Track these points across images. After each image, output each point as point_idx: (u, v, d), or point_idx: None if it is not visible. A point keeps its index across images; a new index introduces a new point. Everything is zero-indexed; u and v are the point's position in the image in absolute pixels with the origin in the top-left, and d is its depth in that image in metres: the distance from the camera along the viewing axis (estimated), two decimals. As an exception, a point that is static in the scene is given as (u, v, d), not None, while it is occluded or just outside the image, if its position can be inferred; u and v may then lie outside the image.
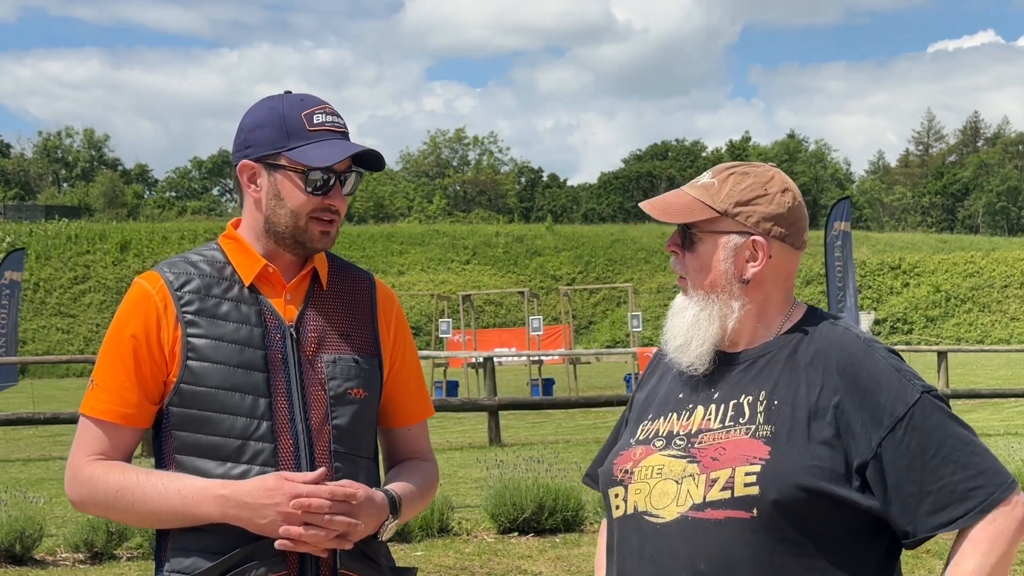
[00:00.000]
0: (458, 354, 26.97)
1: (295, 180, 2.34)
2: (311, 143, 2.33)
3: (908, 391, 2.08)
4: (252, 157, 2.37)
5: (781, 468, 2.05)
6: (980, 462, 2.06)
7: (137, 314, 2.34)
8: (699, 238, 2.19)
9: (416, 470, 2.53)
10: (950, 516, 2.04)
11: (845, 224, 22.87)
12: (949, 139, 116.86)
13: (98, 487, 2.31)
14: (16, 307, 25.39)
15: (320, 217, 2.36)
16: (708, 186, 2.21)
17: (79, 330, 51.68)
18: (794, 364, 2.14)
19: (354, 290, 2.49)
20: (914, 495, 2.05)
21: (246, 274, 2.38)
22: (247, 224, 2.43)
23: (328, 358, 2.38)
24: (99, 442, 2.34)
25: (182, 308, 2.33)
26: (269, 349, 2.34)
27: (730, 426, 2.13)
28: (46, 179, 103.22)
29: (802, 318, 2.21)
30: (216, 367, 2.31)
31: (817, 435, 2.07)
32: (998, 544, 2.03)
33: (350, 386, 2.39)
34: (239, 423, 2.30)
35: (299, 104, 2.37)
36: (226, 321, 2.34)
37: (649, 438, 2.22)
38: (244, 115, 2.42)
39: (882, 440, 2.05)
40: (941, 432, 2.06)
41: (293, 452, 2.31)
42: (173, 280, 2.35)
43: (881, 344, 2.17)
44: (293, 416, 2.33)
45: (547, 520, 8.87)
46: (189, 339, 2.32)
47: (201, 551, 2.29)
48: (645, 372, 2.41)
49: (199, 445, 2.31)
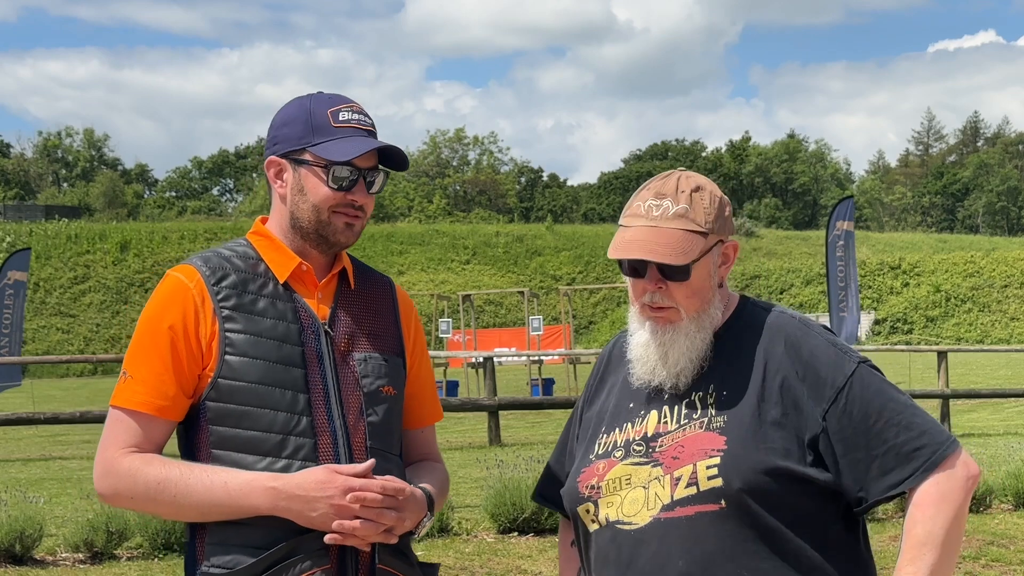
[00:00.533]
0: (458, 354, 26.96)
1: (318, 174, 2.36)
2: (335, 139, 2.35)
3: (845, 362, 2.15)
4: (279, 153, 2.40)
5: (739, 456, 2.09)
6: (921, 423, 2.12)
7: (174, 306, 2.33)
8: (695, 266, 2.20)
9: (434, 472, 2.56)
10: (897, 478, 2.09)
11: (848, 223, 22.76)
12: (949, 139, 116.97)
13: (138, 480, 2.29)
14: (21, 307, 25.36)
15: (343, 212, 2.37)
16: (683, 213, 2.21)
17: (79, 330, 51.67)
18: (736, 353, 2.20)
19: (377, 291, 2.53)
20: (862, 460, 2.10)
21: (280, 271, 2.39)
22: (275, 220, 2.45)
23: (360, 356, 2.42)
24: (132, 434, 2.32)
25: (219, 302, 2.33)
26: (306, 346, 2.36)
27: (685, 424, 2.17)
28: (46, 179, 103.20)
29: (737, 308, 2.28)
30: (255, 362, 2.31)
31: (767, 417, 2.12)
32: (944, 506, 2.07)
33: (381, 384, 2.42)
34: (280, 418, 2.31)
35: (327, 102, 2.40)
36: (263, 317, 2.35)
37: (608, 451, 2.24)
38: (275, 115, 2.46)
39: (826, 412, 2.11)
40: (881, 397, 2.13)
41: (332, 447, 2.33)
42: (209, 274, 2.35)
43: (815, 322, 2.25)
44: (331, 412, 2.35)
45: (547, 520, 8.87)
46: (227, 334, 2.32)
47: (242, 546, 2.29)
48: (587, 385, 2.43)
49: (239, 439, 2.31)
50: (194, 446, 2.36)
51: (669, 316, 2.22)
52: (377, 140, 2.40)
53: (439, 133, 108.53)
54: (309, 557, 2.27)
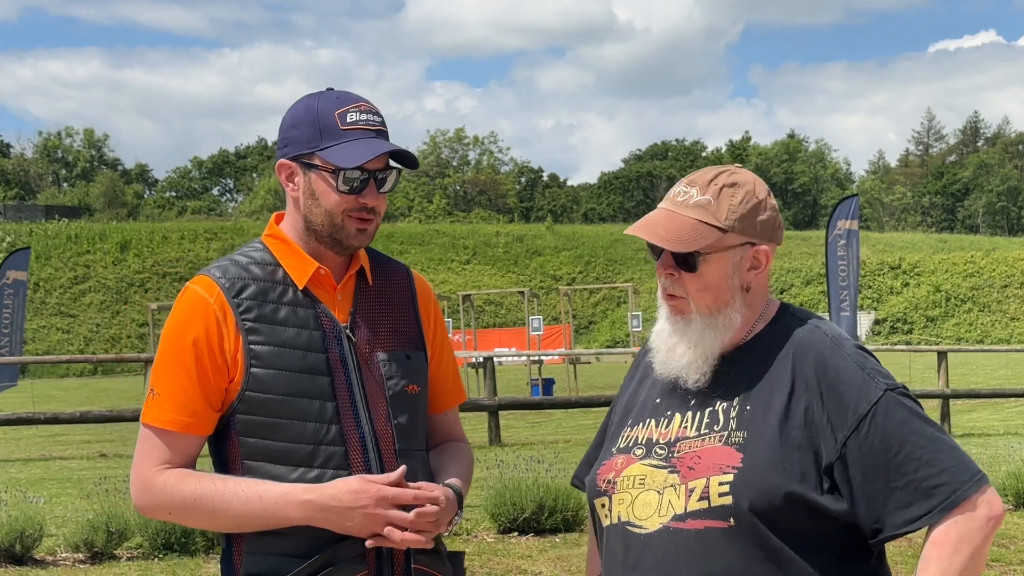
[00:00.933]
0: (458, 354, 26.92)
1: (328, 180, 2.33)
2: (343, 142, 2.32)
3: (871, 389, 2.07)
4: (289, 156, 2.38)
5: (753, 476, 2.04)
6: (945, 459, 2.03)
7: (196, 321, 2.33)
8: (706, 260, 2.15)
9: (460, 455, 2.58)
10: (915, 513, 2.02)
11: (852, 222, 22.55)
12: (949, 139, 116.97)
13: (174, 496, 2.31)
14: (22, 306, 25.32)
15: (357, 215, 2.35)
16: (705, 204, 2.16)
17: (79, 330, 51.67)
18: (766, 367, 2.14)
19: (395, 284, 2.51)
20: (880, 492, 2.03)
21: (299, 277, 2.38)
22: (291, 223, 2.43)
23: (383, 356, 2.41)
24: (164, 452, 2.33)
25: (241, 315, 2.32)
26: (329, 352, 2.35)
27: (705, 434, 2.13)
28: (46, 179, 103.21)
29: (774, 317, 2.21)
30: (281, 374, 2.31)
31: (788, 438, 2.06)
32: (962, 547, 2.00)
33: (406, 383, 2.42)
34: (309, 428, 2.31)
35: (334, 102, 2.36)
36: (286, 327, 2.34)
37: (629, 446, 2.22)
38: (285, 115, 2.42)
39: (847, 439, 2.05)
40: (904, 429, 2.04)
41: (362, 453, 2.34)
42: (229, 287, 2.34)
43: (850, 341, 2.16)
44: (358, 418, 2.35)
45: (547, 520, 8.86)
46: (251, 347, 2.31)
47: (280, 554, 2.29)
48: (628, 374, 2.40)
49: (270, 451, 2.31)
50: (226, 458, 2.36)
51: (680, 306, 2.19)
52: (387, 142, 2.37)
53: (439, 133, 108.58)
54: (346, 566, 2.28)
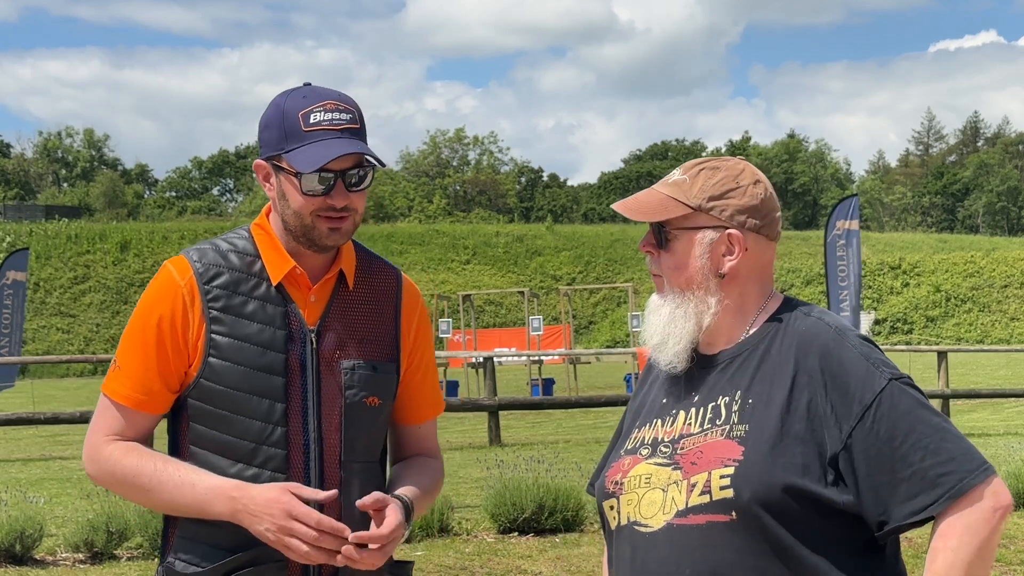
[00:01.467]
0: (458, 354, 26.99)
1: (293, 182, 2.32)
2: (305, 144, 2.30)
3: (876, 379, 2.05)
4: (263, 157, 2.38)
5: (753, 468, 2.03)
6: (951, 448, 2.01)
7: (164, 301, 2.34)
8: (674, 236, 2.18)
9: (425, 469, 2.54)
10: (920, 504, 1.99)
11: (852, 222, 22.49)
12: (949, 139, 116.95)
13: (116, 468, 2.34)
14: (21, 307, 25.30)
15: (327, 215, 2.33)
16: (680, 183, 2.20)
17: (79, 330, 51.67)
18: (768, 360, 2.13)
19: (380, 288, 2.49)
20: (886, 483, 2.01)
21: (274, 273, 2.37)
22: (274, 218, 2.43)
23: (347, 365, 2.39)
24: (117, 423, 2.37)
25: (208, 303, 2.33)
26: (290, 353, 2.34)
27: (708, 428, 2.12)
28: (46, 179, 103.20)
29: (776, 310, 2.20)
30: (237, 368, 2.32)
31: (791, 430, 2.05)
32: (968, 538, 1.97)
33: (365, 395, 2.40)
34: (254, 426, 2.31)
35: (301, 101, 2.34)
36: (251, 321, 2.34)
37: (636, 447, 2.22)
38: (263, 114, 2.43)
39: (852, 430, 2.03)
40: (910, 418, 2.02)
41: (303, 460, 2.33)
42: (202, 272, 2.35)
43: (854, 332, 2.14)
44: (306, 424, 2.34)
45: (547, 520, 8.86)
46: (213, 336, 2.32)
47: (210, 545, 2.32)
48: (640, 379, 2.40)
49: (215, 441, 2.33)
50: (177, 440, 2.40)
51: (659, 284, 2.22)
52: (350, 141, 2.32)
53: (439, 133, 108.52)
54: (270, 567, 2.29)
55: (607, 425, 19.02)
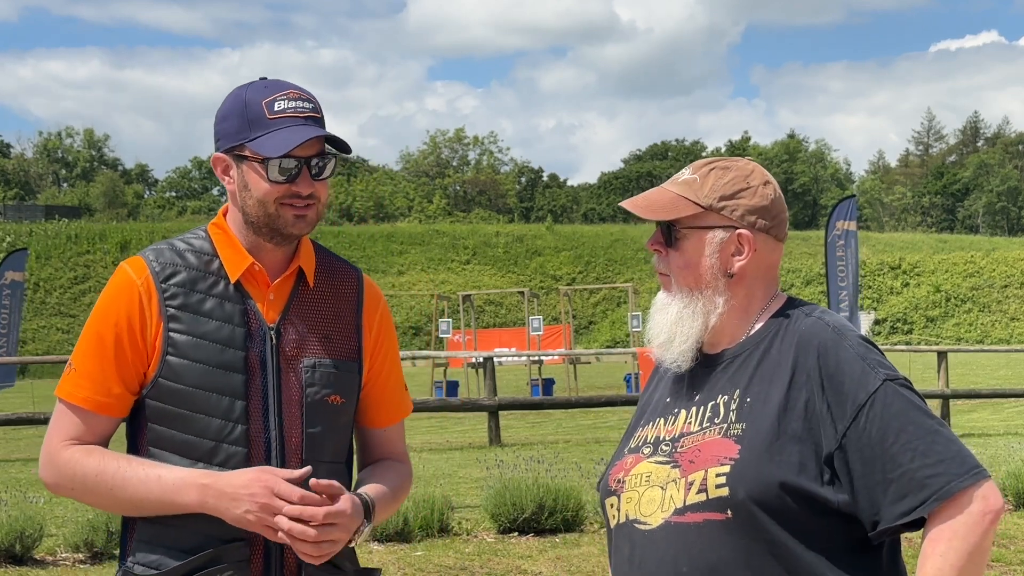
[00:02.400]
0: (458, 354, 26.96)
1: (257, 170, 2.31)
2: (270, 132, 2.30)
3: (871, 379, 2.04)
4: (222, 149, 2.36)
5: (749, 467, 2.03)
6: (942, 451, 2.00)
7: (121, 302, 2.32)
8: (683, 235, 2.18)
9: (390, 471, 2.51)
10: (908, 505, 1.98)
11: (850, 223, 22.62)
12: (949, 139, 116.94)
13: (76, 471, 2.30)
14: (19, 307, 25.34)
15: (291, 203, 2.32)
16: (690, 182, 2.21)
17: (79, 330, 51.10)
18: (768, 359, 2.13)
19: (340, 288, 2.47)
20: (879, 484, 2.00)
21: (232, 271, 2.35)
22: (232, 216, 2.41)
23: (308, 363, 2.37)
24: (75, 427, 2.32)
25: (166, 301, 2.31)
26: (249, 351, 2.32)
27: (707, 427, 2.13)
28: (46, 179, 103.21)
29: (779, 310, 2.20)
30: (195, 365, 2.30)
31: (787, 429, 2.05)
32: (957, 543, 1.96)
33: (327, 393, 2.38)
34: (214, 424, 2.29)
35: (262, 92, 2.34)
36: (209, 319, 2.32)
37: (638, 446, 2.23)
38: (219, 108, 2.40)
39: (846, 430, 2.03)
40: (901, 419, 2.02)
41: (264, 458, 2.31)
42: (159, 271, 2.33)
43: (853, 332, 2.14)
44: (267, 422, 2.33)
45: (547, 520, 8.86)
46: (171, 334, 2.30)
47: (168, 547, 2.29)
48: (648, 379, 2.41)
49: (174, 441, 2.30)
50: (134, 441, 2.37)
51: (666, 283, 2.22)
52: (308, 128, 2.31)
53: (439, 133, 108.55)
54: (232, 566, 2.27)
55: (607, 425, 19.02)
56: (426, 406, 17.64)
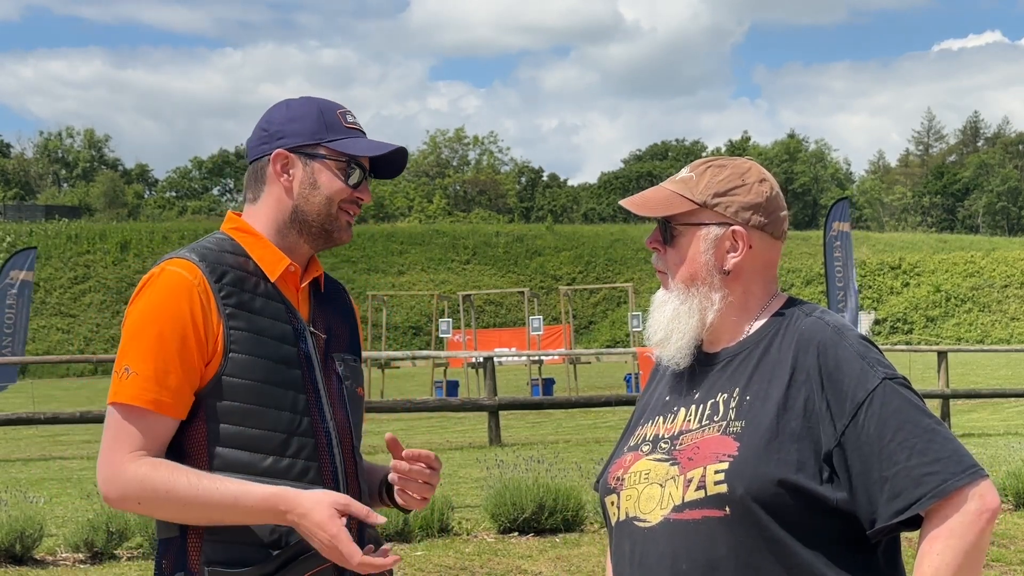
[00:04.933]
0: (458, 354, 26.93)
1: (333, 169, 2.41)
2: (350, 137, 2.44)
3: (870, 377, 2.05)
4: (289, 146, 2.42)
5: (747, 463, 2.04)
6: (939, 450, 2.00)
7: (182, 301, 2.30)
8: (679, 231, 2.21)
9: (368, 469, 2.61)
10: (904, 503, 1.98)
11: (845, 224, 22.83)
12: (949, 139, 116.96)
13: (146, 486, 2.25)
14: (26, 306, 25.29)
15: (348, 209, 2.44)
16: (686, 180, 2.23)
17: (79, 330, 51.67)
18: (767, 358, 2.14)
19: (337, 292, 2.61)
20: (876, 482, 2.01)
21: (271, 270, 2.40)
22: (267, 216, 2.44)
23: (338, 357, 2.49)
24: (137, 437, 2.27)
25: (223, 299, 2.33)
26: (298, 346, 2.39)
27: (706, 425, 2.14)
28: (46, 179, 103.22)
29: (779, 310, 2.21)
30: (260, 361, 2.32)
31: (787, 427, 2.06)
32: (953, 542, 1.96)
33: (356, 385, 2.51)
34: (284, 417, 2.33)
35: (330, 104, 2.48)
36: (262, 316, 2.36)
37: (638, 444, 2.24)
38: (269, 113, 2.48)
39: (845, 428, 2.03)
40: (899, 418, 2.02)
41: (328, 448, 2.39)
42: (210, 271, 2.35)
43: (853, 331, 2.14)
44: (323, 413, 2.39)
45: (547, 520, 8.87)
46: (231, 331, 2.32)
47: (245, 543, 2.29)
48: (648, 378, 2.42)
49: (243, 437, 2.30)
50: (185, 444, 2.32)
51: (664, 281, 2.25)
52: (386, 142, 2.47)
53: (439, 133, 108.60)
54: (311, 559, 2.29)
55: (607, 425, 19.03)
56: (426, 406, 17.63)
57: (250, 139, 2.49)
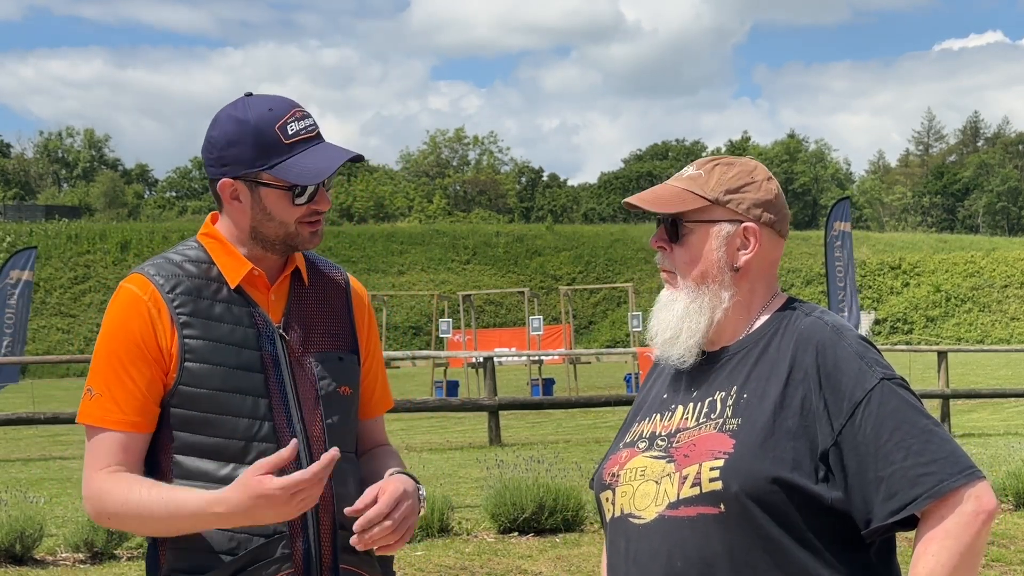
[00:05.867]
0: (458, 354, 26.93)
1: (280, 196, 2.34)
2: (292, 156, 2.32)
3: (867, 377, 2.05)
4: (232, 175, 2.35)
5: (743, 461, 2.04)
6: (935, 450, 1.99)
7: (132, 319, 2.32)
8: (689, 229, 2.19)
9: (390, 456, 2.56)
10: (899, 503, 1.97)
11: (845, 224, 22.85)
12: (949, 139, 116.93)
13: (105, 502, 2.30)
14: (26, 306, 25.28)
15: (309, 221, 2.38)
16: (695, 177, 2.22)
17: (79, 330, 51.68)
18: (766, 357, 2.14)
19: (331, 285, 2.52)
20: (872, 481, 2.00)
21: (232, 276, 2.37)
22: (228, 227, 2.41)
23: (315, 357, 2.42)
24: (110, 452, 2.31)
25: (176, 310, 2.32)
26: (263, 350, 2.35)
27: (703, 422, 2.14)
28: (46, 179, 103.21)
29: (779, 309, 2.21)
30: (216, 368, 2.31)
31: (783, 426, 2.05)
32: (949, 543, 1.95)
33: (337, 384, 2.43)
34: (242, 424, 2.31)
35: (268, 116, 2.33)
36: (220, 323, 2.34)
37: (634, 440, 2.24)
38: (210, 130, 2.38)
39: (842, 427, 2.03)
40: (896, 418, 2.02)
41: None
42: (163, 283, 2.33)
43: (852, 331, 2.14)
44: (290, 416, 2.35)
45: (547, 520, 8.87)
46: (186, 340, 2.31)
47: (203, 551, 2.29)
48: (646, 378, 2.41)
49: (202, 446, 2.31)
50: (157, 452, 2.35)
51: (670, 280, 2.23)
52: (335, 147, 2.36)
53: (439, 133, 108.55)
54: (273, 562, 2.29)
55: (607, 425, 19.02)
56: (426, 406, 17.63)
57: (202, 151, 2.43)
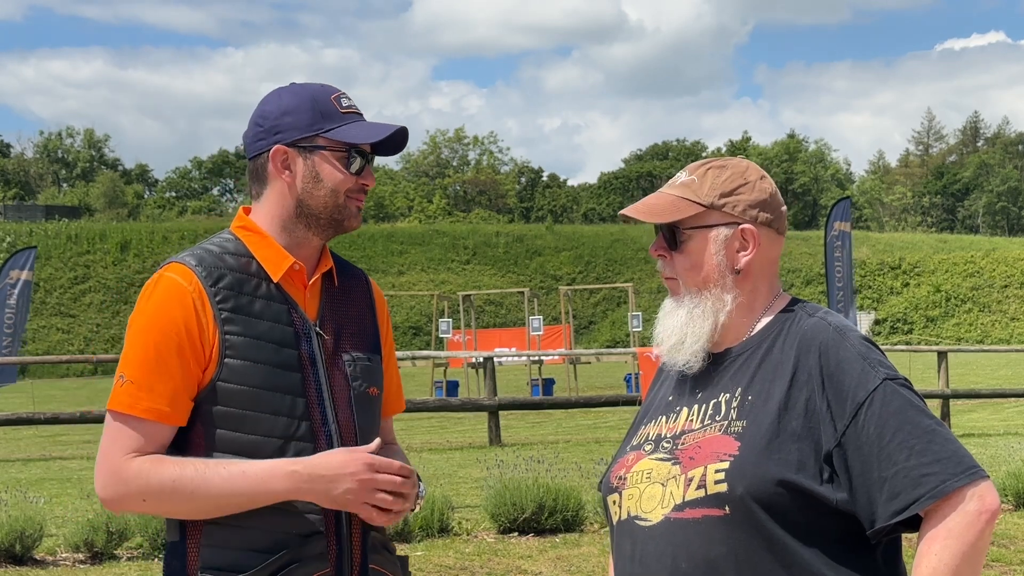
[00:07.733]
0: (458, 354, 26.92)
1: (334, 160, 2.36)
2: (347, 124, 2.38)
3: (870, 378, 2.05)
4: (287, 141, 2.36)
5: (748, 463, 2.04)
6: (938, 450, 1.99)
7: (175, 308, 2.29)
8: (687, 236, 2.19)
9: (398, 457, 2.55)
10: (903, 503, 1.98)
11: (845, 224, 22.87)
12: (949, 139, 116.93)
13: (151, 481, 2.25)
14: (26, 306, 25.27)
15: (355, 196, 2.40)
16: (688, 183, 2.22)
17: (79, 330, 51.67)
18: (770, 358, 2.14)
19: (356, 286, 2.53)
20: (875, 482, 2.00)
21: (274, 270, 2.36)
22: (271, 213, 2.40)
23: (348, 357, 2.42)
24: (135, 440, 2.27)
25: (218, 304, 2.30)
26: (300, 349, 2.35)
27: (708, 424, 2.14)
28: (46, 179, 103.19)
29: (782, 310, 2.21)
30: (256, 366, 2.30)
31: (787, 427, 2.06)
32: (951, 542, 1.96)
33: (367, 385, 2.44)
34: (280, 422, 2.30)
35: (322, 90, 2.41)
36: (260, 319, 2.32)
37: (640, 443, 2.24)
38: (262, 106, 2.41)
39: (845, 428, 2.03)
40: (899, 418, 2.02)
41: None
42: (205, 275, 2.31)
43: (855, 332, 2.15)
44: (325, 416, 2.35)
45: (547, 520, 8.87)
46: (227, 336, 2.29)
47: (242, 548, 2.27)
48: (653, 380, 2.42)
49: (239, 443, 2.29)
50: (186, 449, 2.32)
51: (673, 287, 2.23)
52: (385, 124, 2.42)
53: (439, 133, 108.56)
54: (311, 562, 2.28)
55: (607, 425, 19.03)
56: (426, 406, 17.64)
57: (246, 134, 2.44)
